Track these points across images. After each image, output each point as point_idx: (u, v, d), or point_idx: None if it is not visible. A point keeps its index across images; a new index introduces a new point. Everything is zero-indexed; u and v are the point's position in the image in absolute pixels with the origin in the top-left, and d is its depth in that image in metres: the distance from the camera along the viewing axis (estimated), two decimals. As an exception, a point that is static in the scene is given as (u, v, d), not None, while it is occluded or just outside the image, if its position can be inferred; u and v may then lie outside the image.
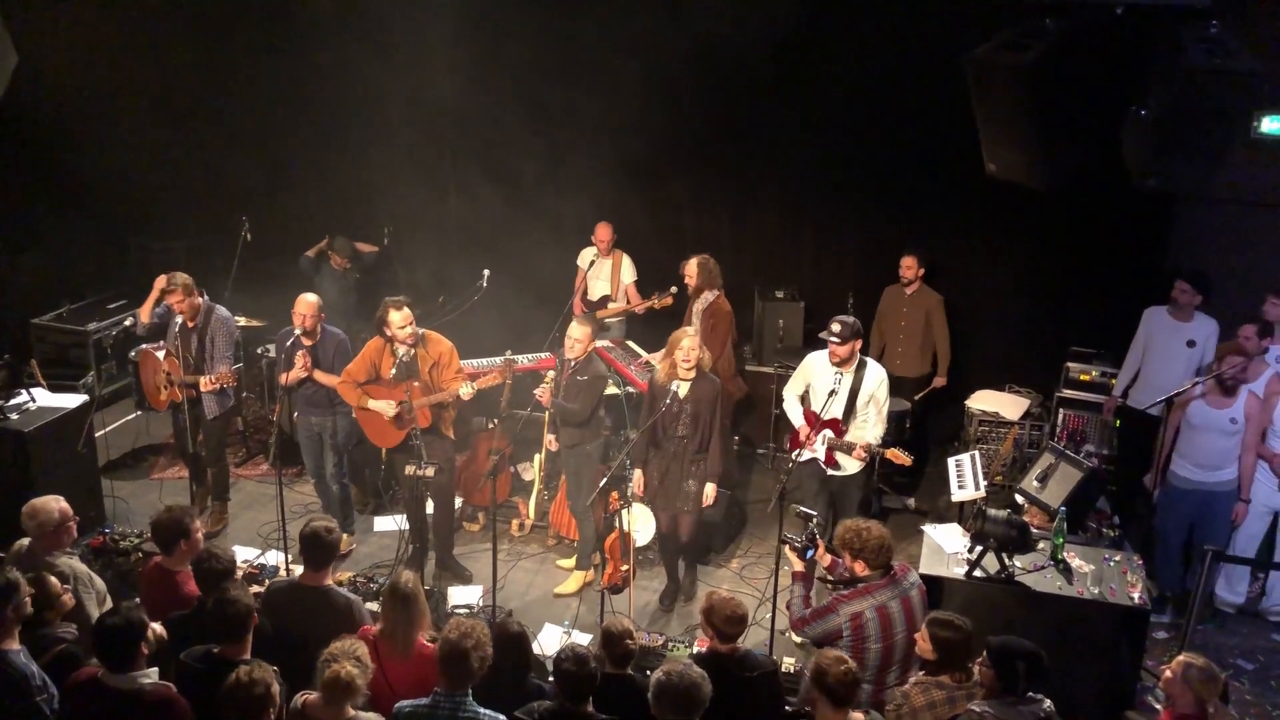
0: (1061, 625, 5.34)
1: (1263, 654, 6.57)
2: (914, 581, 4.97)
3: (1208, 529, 6.54)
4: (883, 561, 4.86)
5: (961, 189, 7.75)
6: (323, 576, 5.00)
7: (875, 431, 6.26)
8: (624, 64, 8.05)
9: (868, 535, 4.84)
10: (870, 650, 4.78)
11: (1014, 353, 8.65)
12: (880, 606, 4.79)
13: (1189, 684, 4.31)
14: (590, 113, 8.18)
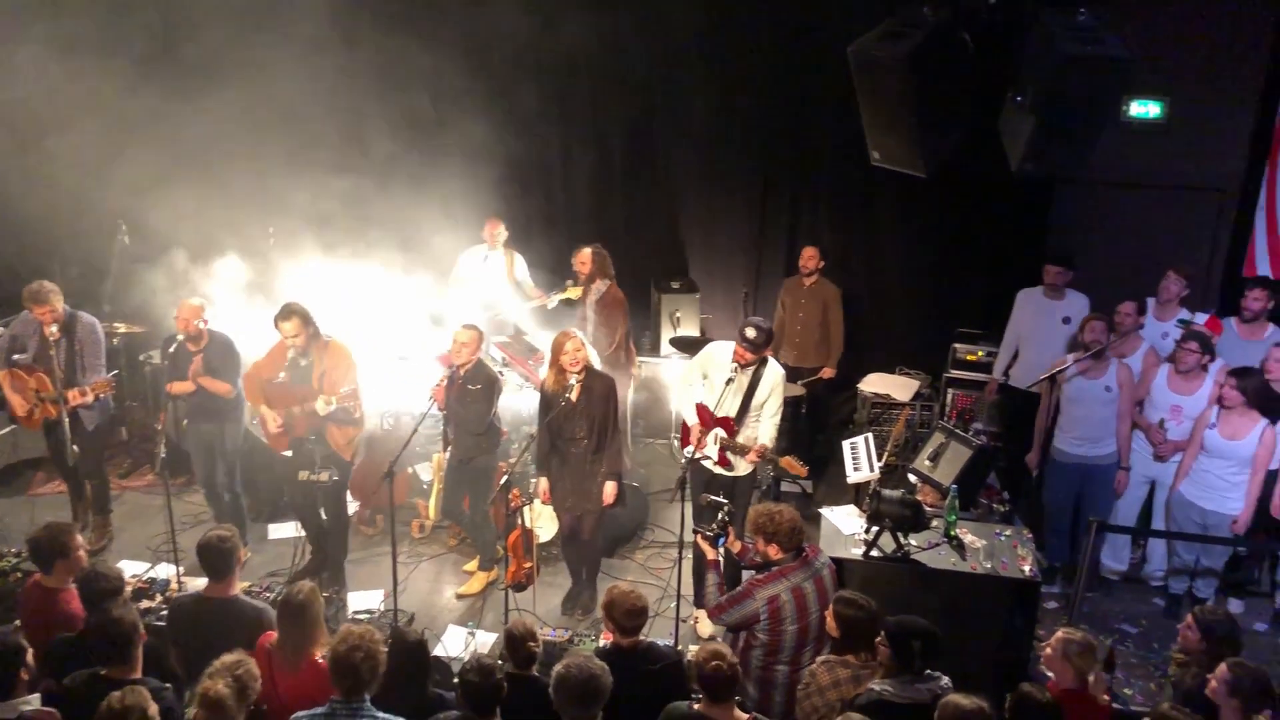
0: (956, 600, 5.46)
1: (1145, 618, 6.84)
2: (825, 562, 5.06)
3: (1091, 500, 6.78)
4: (795, 544, 4.92)
5: (849, 178, 7.91)
6: (227, 586, 4.84)
7: (767, 432, 6.23)
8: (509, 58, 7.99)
9: (780, 519, 4.90)
10: (787, 632, 4.84)
11: (903, 336, 8.87)
12: (795, 588, 4.85)
13: (1068, 659, 4.45)
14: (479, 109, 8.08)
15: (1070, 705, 4.32)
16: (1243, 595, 6.98)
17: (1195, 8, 7.85)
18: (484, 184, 8.20)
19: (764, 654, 4.86)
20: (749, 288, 8.30)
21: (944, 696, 4.13)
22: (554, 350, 6.25)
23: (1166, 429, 6.62)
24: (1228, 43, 7.92)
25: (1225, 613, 5.23)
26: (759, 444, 6.18)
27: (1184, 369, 6.55)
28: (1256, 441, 6.25)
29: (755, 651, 4.88)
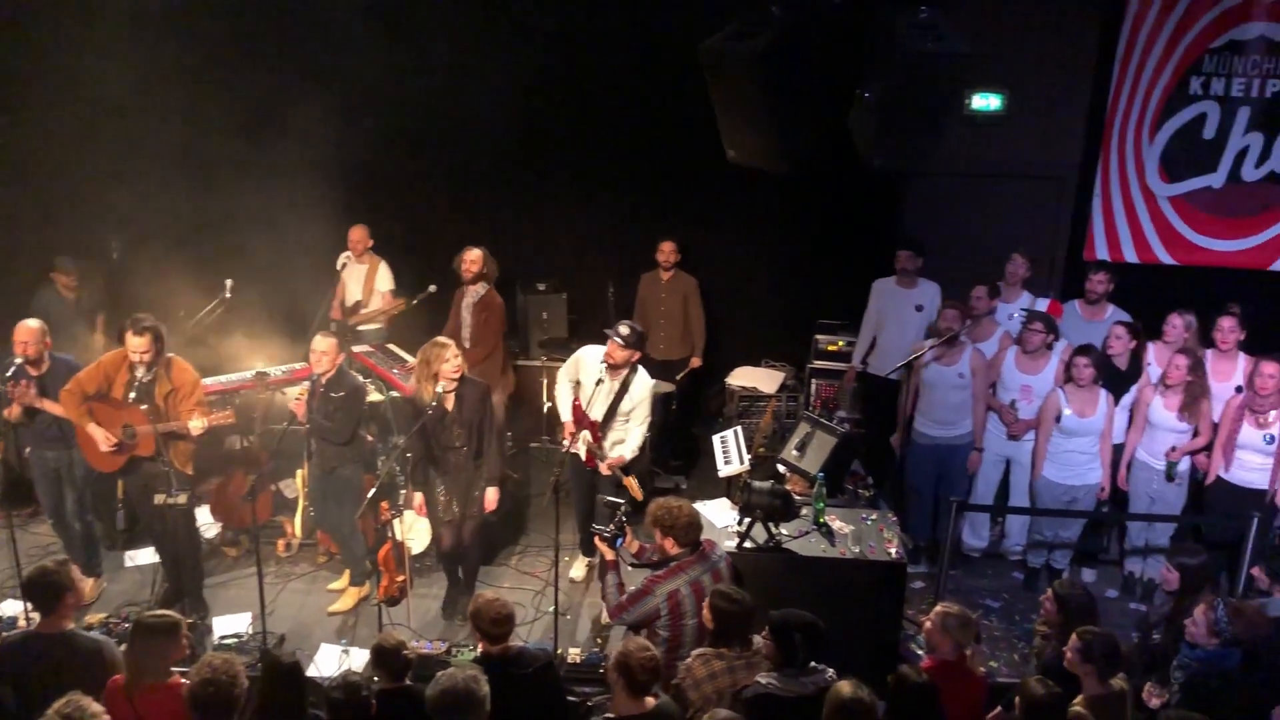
0: (828, 586, 5.57)
1: (1007, 592, 7.12)
2: (721, 555, 5.12)
3: (951, 481, 7.03)
4: (692, 538, 4.97)
5: (709, 175, 7.98)
6: (61, 620, 4.58)
7: (632, 444, 6.37)
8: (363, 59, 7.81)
9: (678, 513, 4.95)
10: (688, 626, 4.88)
11: (768, 329, 9.02)
12: (694, 582, 4.89)
13: (948, 632, 4.61)
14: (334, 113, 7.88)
15: (949, 677, 4.47)
16: (1094, 564, 7.32)
17: (1029, 2, 8.19)
18: (339, 189, 8.00)
19: (666, 650, 4.87)
20: (615, 286, 8.32)
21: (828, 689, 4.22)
22: (429, 360, 6.13)
23: (1018, 409, 6.89)
24: (1060, 36, 8.30)
25: (1081, 585, 5.50)
26: (617, 455, 6.27)
27: (1030, 349, 6.84)
28: (1104, 415, 6.57)
29: (659, 648, 4.88)
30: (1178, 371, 6.45)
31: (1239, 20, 8.08)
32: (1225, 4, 8.05)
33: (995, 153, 8.39)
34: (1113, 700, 4.50)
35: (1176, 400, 6.51)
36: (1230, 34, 8.10)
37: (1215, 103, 8.28)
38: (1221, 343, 6.75)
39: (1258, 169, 8.39)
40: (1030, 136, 8.42)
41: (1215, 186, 8.48)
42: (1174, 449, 6.53)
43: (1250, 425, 6.32)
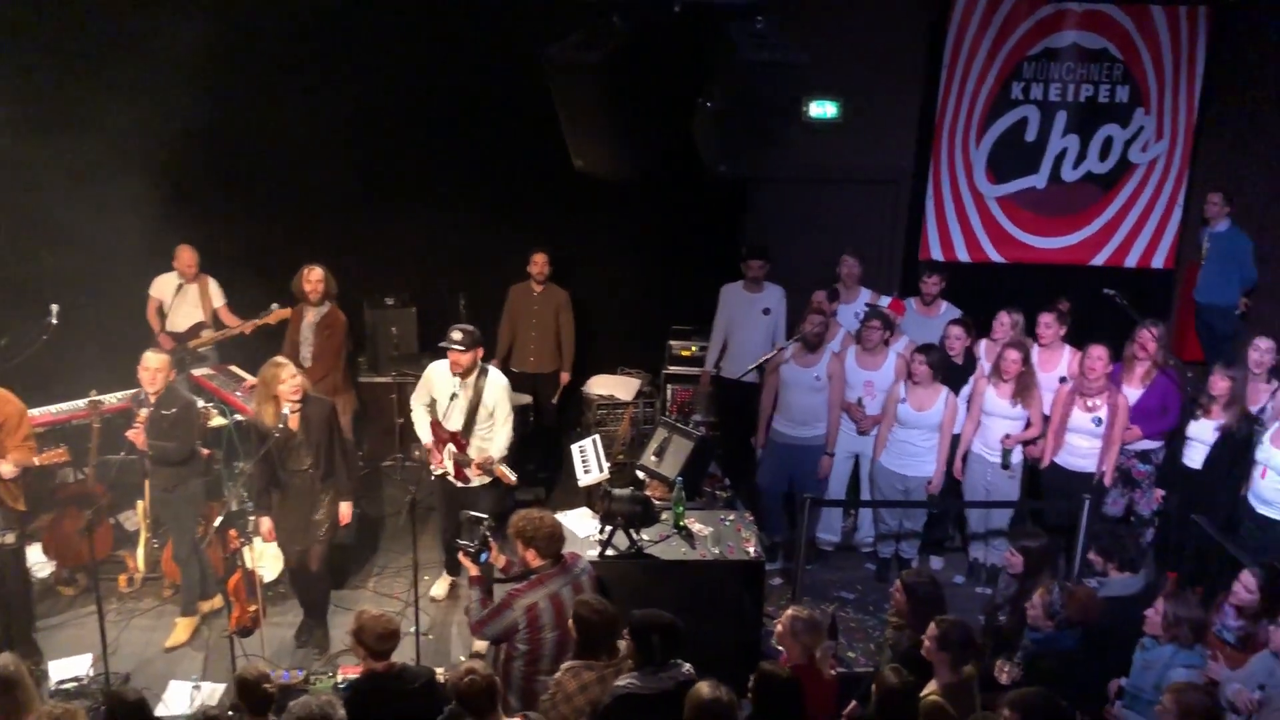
0: (690, 588, 5.62)
1: (860, 583, 7.34)
2: (584, 567, 5.08)
3: (803, 478, 7.20)
4: (554, 550, 4.93)
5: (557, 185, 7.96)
6: None
7: (499, 443, 6.31)
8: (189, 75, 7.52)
9: (540, 525, 4.90)
10: (547, 640, 4.83)
11: (623, 336, 9.08)
12: (553, 595, 4.84)
13: (796, 637, 4.73)
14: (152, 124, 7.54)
15: (800, 679, 4.57)
16: (941, 553, 7.62)
17: (861, 13, 8.48)
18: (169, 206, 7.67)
19: (525, 664, 4.85)
20: (465, 297, 8.23)
21: (686, 683, 4.27)
22: (268, 382, 5.94)
23: (864, 405, 7.12)
24: (891, 45, 8.64)
25: (928, 574, 5.70)
26: (484, 455, 6.20)
27: (869, 346, 7.08)
28: (942, 410, 6.84)
29: (516, 663, 4.86)
30: (1012, 364, 6.77)
31: (1053, 29, 8.57)
32: (1040, 14, 8.53)
33: (833, 158, 8.66)
34: (963, 687, 4.68)
35: (1009, 389, 6.83)
36: (1046, 42, 8.59)
37: (1035, 107, 8.75)
38: (1041, 337, 7.13)
39: (1075, 170, 8.91)
40: (866, 142, 8.72)
41: (1038, 187, 8.96)
42: (1008, 436, 6.84)
43: (1079, 409, 6.69)
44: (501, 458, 6.27)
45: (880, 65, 8.63)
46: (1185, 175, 8.92)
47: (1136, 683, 4.89)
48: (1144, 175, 8.92)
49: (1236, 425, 6.36)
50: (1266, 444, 6.13)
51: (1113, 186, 8.94)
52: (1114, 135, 8.82)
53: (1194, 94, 8.73)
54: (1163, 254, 9.09)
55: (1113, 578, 5.47)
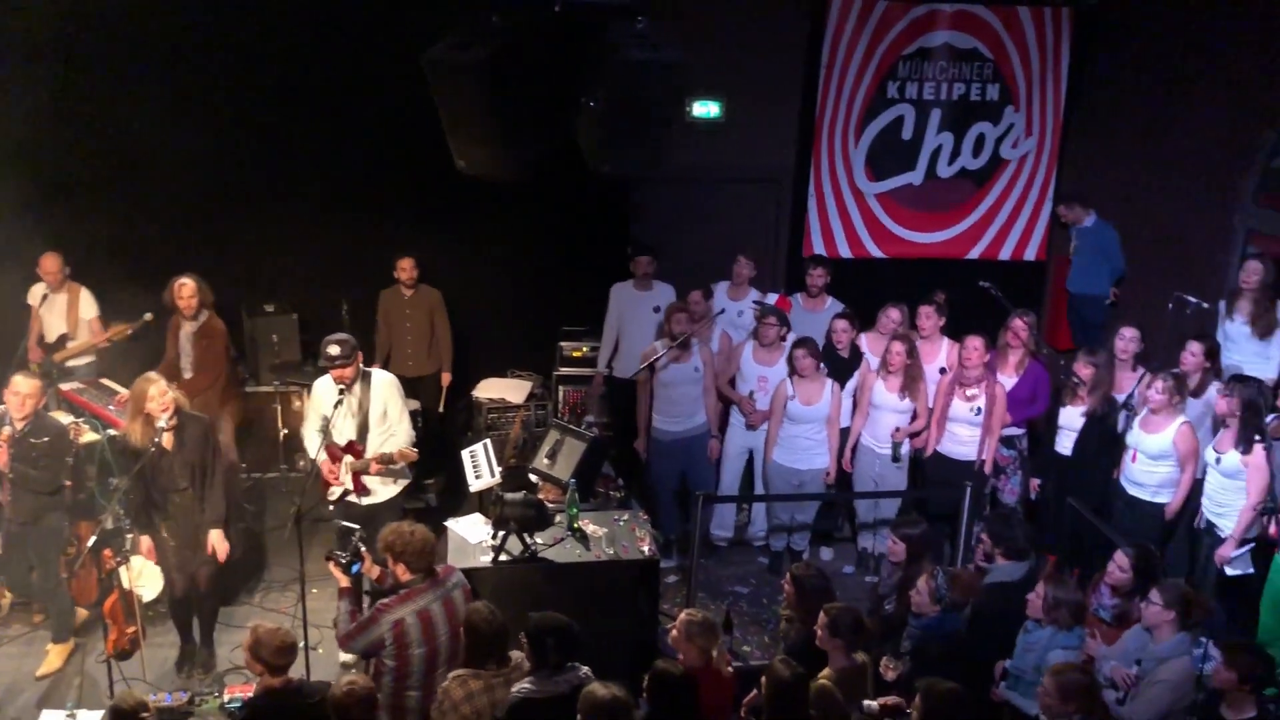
0: (587, 590, 5.61)
1: (754, 577, 7.42)
2: (457, 582, 4.99)
3: (695, 473, 7.25)
4: (424, 565, 4.83)
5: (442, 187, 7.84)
6: None
7: (401, 441, 6.12)
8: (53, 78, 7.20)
9: (410, 538, 4.80)
10: (414, 656, 4.74)
11: (512, 338, 9.00)
12: (422, 610, 4.75)
13: (692, 639, 4.75)
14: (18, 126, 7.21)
15: (695, 677, 4.60)
16: (831, 543, 7.76)
17: (741, 14, 8.57)
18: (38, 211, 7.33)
19: (393, 680, 4.76)
20: (348, 303, 8.05)
21: (583, 685, 4.26)
22: (137, 398, 5.71)
23: (755, 399, 7.20)
24: (771, 45, 8.75)
25: (817, 566, 5.80)
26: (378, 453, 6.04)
27: (767, 342, 7.17)
28: (829, 402, 6.96)
29: (385, 678, 4.77)
30: (898, 357, 6.93)
31: (926, 29, 8.81)
32: (913, 14, 8.76)
33: (717, 157, 8.74)
34: (856, 672, 4.78)
35: (897, 382, 6.98)
36: (919, 41, 8.82)
37: (910, 105, 8.98)
38: (922, 329, 7.31)
39: (950, 166, 9.19)
40: (748, 141, 8.83)
41: (915, 183, 9.20)
42: (898, 429, 7.00)
43: (959, 399, 6.87)
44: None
45: (761, 65, 8.74)
46: (1054, 170, 9.27)
47: (1019, 664, 5.05)
48: (1015, 171, 9.25)
49: (1101, 410, 6.61)
50: (1136, 429, 6.39)
51: (986, 182, 9.24)
52: (986, 132, 9.11)
53: (1060, 92, 9.09)
54: (1034, 246, 9.43)
55: (999, 564, 5.63)
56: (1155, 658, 4.79)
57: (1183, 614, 4.80)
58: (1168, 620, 4.80)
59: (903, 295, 7.68)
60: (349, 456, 6.04)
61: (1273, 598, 5.79)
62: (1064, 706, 4.18)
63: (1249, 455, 5.81)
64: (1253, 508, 5.80)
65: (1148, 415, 6.34)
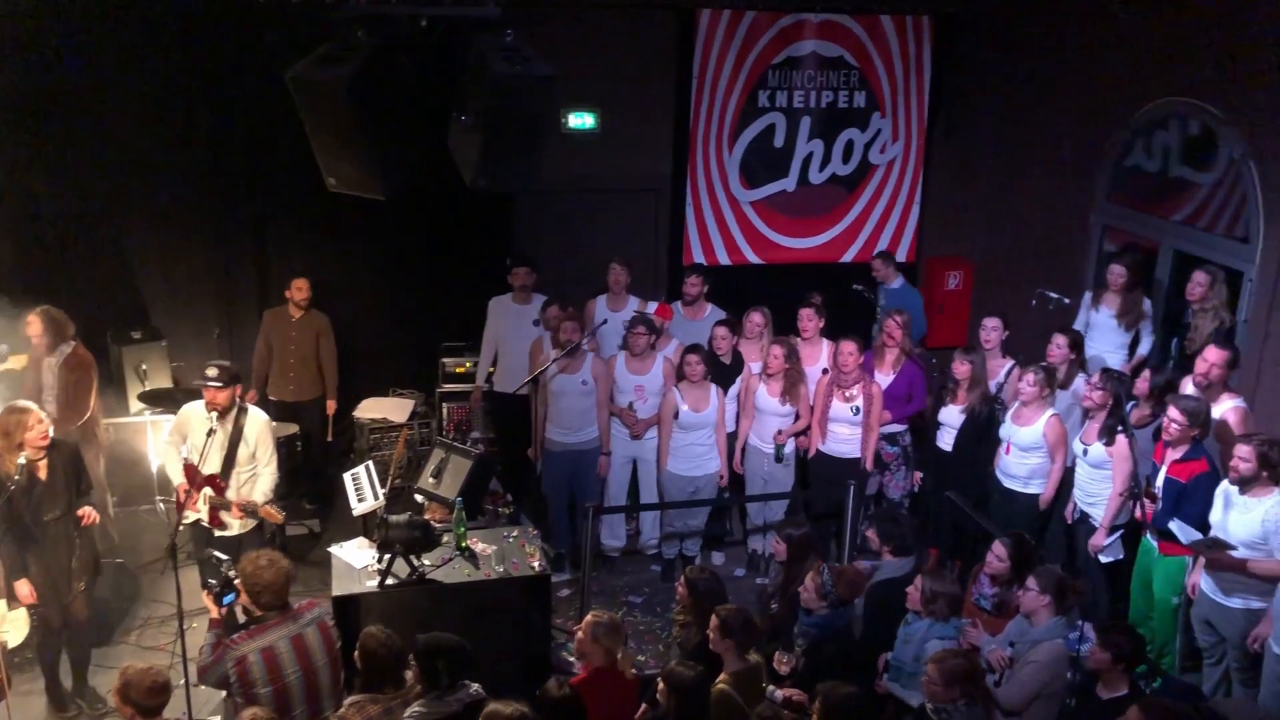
0: (477, 608, 5.56)
1: (647, 586, 7.44)
2: (315, 617, 4.73)
3: (584, 485, 7.24)
4: (277, 600, 4.62)
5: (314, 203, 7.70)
6: None
7: (264, 485, 6.03)
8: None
9: (263, 572, 4.59)
10: (260, 695, 4.49)
11: (392, 357, 8.85)
12: (267, 648, 4.51)
13: (598, 641, 4.74)
14: None
15: (603, 683, 4.60)
16: (722, 547, 7.82)
17: (611, 26, 8.62)
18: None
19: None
20: (221, 328, 7.82)
21: (475, 703, 4.21)
22: (9, 430, 5.42)
23: (636, 409, 7.22)
24: (643, 56, 8.82)
25: (710, 570, 5.84)
26: (243, 499, 5.92)
27: (637, 352, 7.18)
28: (715, 408, 7.02)
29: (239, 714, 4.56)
30: (776, 360, 7.03)
31: (793, 39, 8.99)
32: (781, 24, 8.94)
33: (594, 168, 8.77)
34: (750, 673, 4.82)
35: (778, 386, 7.09)
36: (787, 51, 9.00)
37: (781, 114, 9.15)
38: (803, 331, 7.45)
39: (821, 172, 9.40)
40: (625, 152, 8.89)
41: (789, 190, 9.38)
42: (780, 432, 7.11)
43: (839, 400, 7.01)
44: (266, 500, 6.01)
45: (634, 76, 8.81)
46: (920, 174, 9.55)
47: (899, 656, 5.17)
48: (884, 176, 9.50)
49: (979, 406, 6.82)
50: (1008, 421, 6.62)
51: (856, 187, 9.47)
52: (855, 139, 9.35)
53: (924, 98, 9.37)
54: (904, 248, 9.70)
55: (886, 560, 5.76)
56: (1029, 641, 4.96)
57: (1058, 599, 4.97)
58: (1043, 605, 4.97)
59: (781, 300, 7.81)
60: (209, 489, 5.87)
61: (1142, 579, 6.06)
62: (948, 692, 4.29)
63: (1112, 446, 6.07)
64: (1119, 495, 6.06)
65: (1019, 408, 6.57)
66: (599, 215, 8.98)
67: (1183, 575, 5.78)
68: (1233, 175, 6.94)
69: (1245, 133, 6.71)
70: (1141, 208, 7.85)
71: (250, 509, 5.94)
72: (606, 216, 9.00)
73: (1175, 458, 5.75)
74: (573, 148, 8.59)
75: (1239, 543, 5.29)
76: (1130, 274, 7.23)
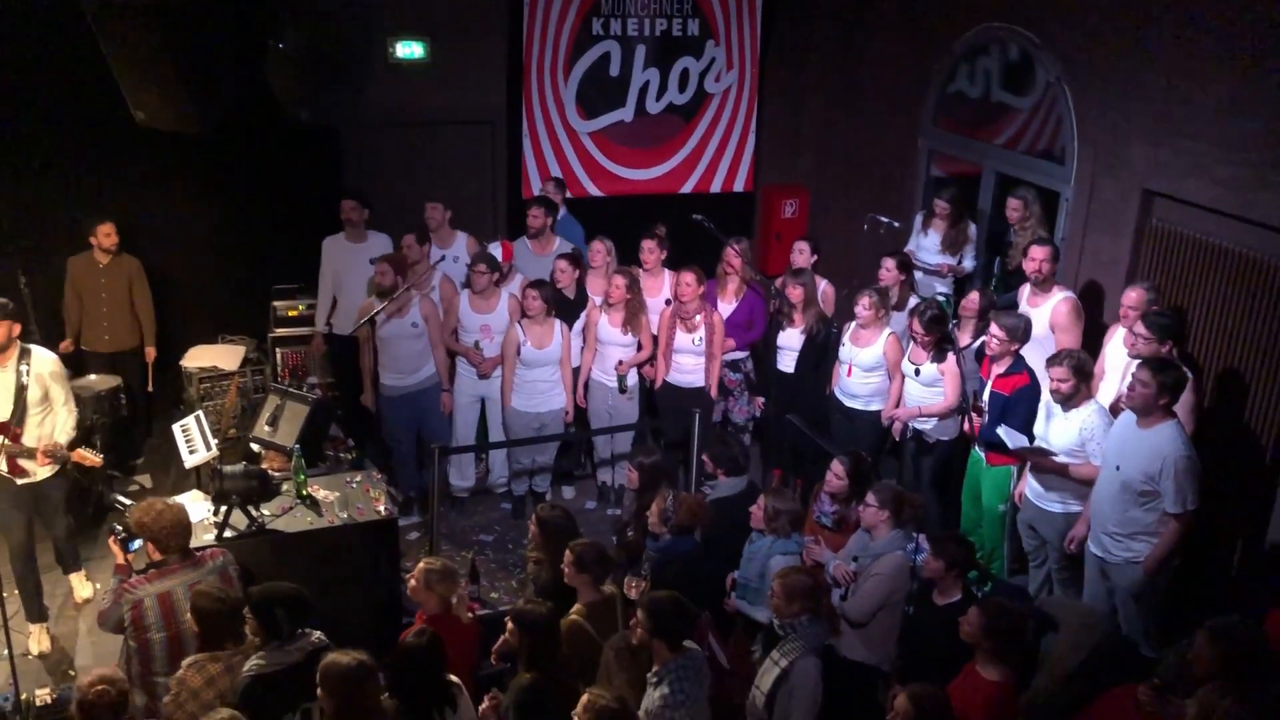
0: (323, 556, 5.45)
1: (498, 524, 7.41)
2: (219, 565, 4.74)
3: (429, 426, 7.11)
4: (177, 544, 4.61)
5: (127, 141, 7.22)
6: None
7: (64, 423, 5.74)
8: None
9: (159, 516, 4.57)
10: (154, 640, 4.50)
11: (220, 302, 8.44)
12: (164, 593, 4.49)
13: (431, 588, 4.68)
14: None
15: (438, 629, 4.53)
16: (572, 481, 7.85)
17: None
18: None
19: (140, 664, 4.54)
20: (25, 274, 7.29)
21: (317, 650, 4.14)
22: None
23: (482, 348, 7.11)
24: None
25: (560, 506, 5.84)
26: (49, 442, 5.63)
27: (479, 289, 7.05)
28: (559, 344, 6.97)
29: (133, 660, 4.54)
30: (618, 290, 7.01)
31: (625, -36, 8.85)
32: (612, -50, 8.78)
33: (425, 100, 8.48)
34: (605, 604, 4.86)
35: (619, 317, 7.08)
36: (619, -24, 8.86)
37: (616, 42, 9.04)
38: (645, 262, 7.44)
39: (658, 101, 9.34)
40: (457, 83, 8.61)
41: (626, 120, 9.31)
42: (620, 362, 7.12)
43: (682, 331, 7.06)
44: (70, 441, 5.71)
45: (464, 3, 8.51)
46: (755, 102, 9.61)
47: (745, 574, 5.30)
48: (719, 104, 9.52)
49: (816, 328, 6.98)
50: (847, 343, 6.79)
51: (693, 117, 9.47)
52: (690, 67, 9.32)
53: (756, 25, 9.40)
54: (742, 178, 9.79)
55: (721, 481, 5.88)
56: (871, 554, 5.15)
57: (896, 512, 5.16)
58: (883, 520, 5.15)
59: (622, 232, 7.77)
60: (3, 438, 5.55)
61: (971, 489, 6.36)
62: (790, 607, 4.42)
63: (943, 363, 6.31)
64: (948, 409, 6.32)
65: (856, 330, 6.74)
66: (433, 149, 8.71)
67: (1008, 484, 6.08)
68: (1049, 99, 7.21)
69: (1059, 56, 6.97)
70: (966, 132, 8.10)
71: (57, 453, 5.64)
72: (440, 150, 8.74)
73: (999, 372, 6.02)
74: (402, 78, 8.27)
75: (1060, 450, 5.60)
76: (953, 207, 7.55)
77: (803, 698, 4.33)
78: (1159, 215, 6.47)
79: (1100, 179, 6.76)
